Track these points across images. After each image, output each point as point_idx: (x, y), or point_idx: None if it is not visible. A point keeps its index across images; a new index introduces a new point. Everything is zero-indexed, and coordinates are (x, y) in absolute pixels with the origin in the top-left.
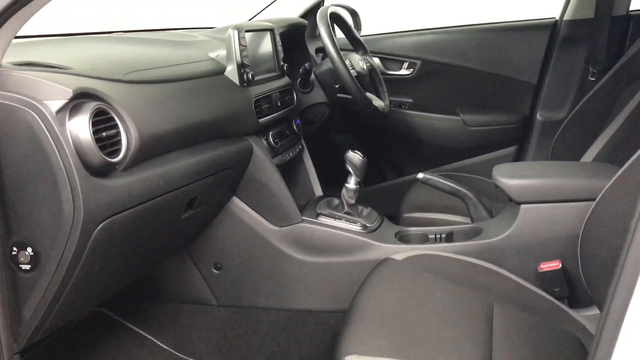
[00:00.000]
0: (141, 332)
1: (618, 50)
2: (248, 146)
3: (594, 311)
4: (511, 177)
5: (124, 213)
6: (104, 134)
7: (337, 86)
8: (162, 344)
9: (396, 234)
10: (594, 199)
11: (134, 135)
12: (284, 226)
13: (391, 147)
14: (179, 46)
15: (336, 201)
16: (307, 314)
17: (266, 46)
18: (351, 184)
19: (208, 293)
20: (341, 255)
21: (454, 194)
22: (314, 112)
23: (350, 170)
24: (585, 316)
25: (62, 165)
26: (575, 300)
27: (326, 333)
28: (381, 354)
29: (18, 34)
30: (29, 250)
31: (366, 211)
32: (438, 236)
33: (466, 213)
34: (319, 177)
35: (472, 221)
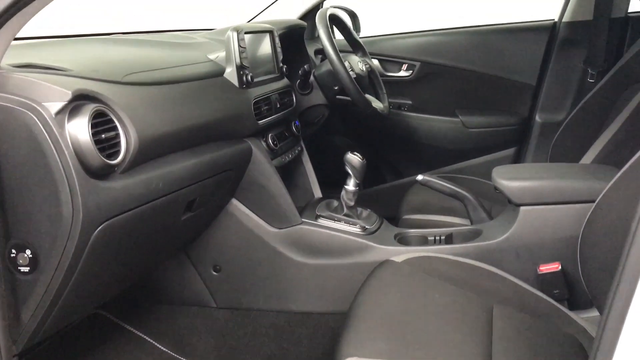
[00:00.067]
0: (140, 334)
1: (617, 52)
2: (247, 148)
3: (593, 313)
4: (511, 179)
5: (123, 215)
6: (103, 136)
7: (336, 88)
8: (161, 346)
9: (395, 236)
10: (593, 201)
11: (133, 137)
12: (283, 228)
13: (390, 149)
14: (178, 48)
15: (335, 203)
16: (306, 316)
17: (265, 48)
18: (350, 185)
19: (207, 295)
20: (340, 257)
21: (453, 195)
22: (313, 114)
23: (350, 172)
24: (584, 318)
25: (61, 167)
26: (574, 302)
27: (325, 335)
28: (381, 356)
29: (17, 35)
30: (27, 252)
31: (365, 213)
32: (437, 238)
33: (465, 215)
34: (318, 179)
35: (472, 223)
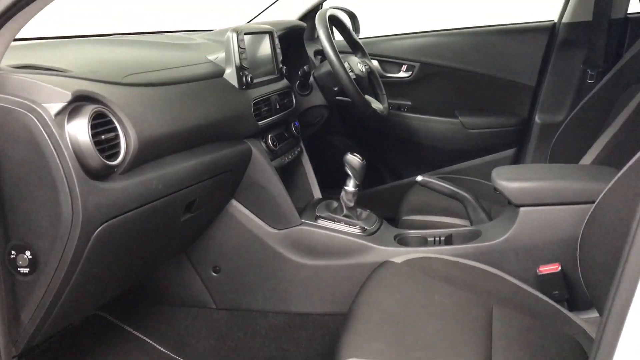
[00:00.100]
0: (139, 335)
1: (616, 53)
2: (247, 149)
3: (593, 314)
4: (510, 180)
5: (122, 216)
6: (102, 137)
7: (336, 89)
8: (161, 347)
9: (395, 237)
10: (593, 202)
11: (132, 138)
12: (282, 229)
13: (390, 150)
14: (178, 49)
15: (335, 204)
16: (305, 316)
17: (265, 49)
18: (350, 186)
19: (207, 296)
20: (340, 258)
21: (453, 196)
22: (313, 115)
23: (349, 173)
24: (584, 319)
25: (61, 168)
26: (574, 303)
27: (325, 336)
28: (381, 357)
29: (17, 36)
30: (27, 253)
31: (365, 214)
32: (437, 239)
33: (465, 216)
34: (317, 180)
35: (471, 224)
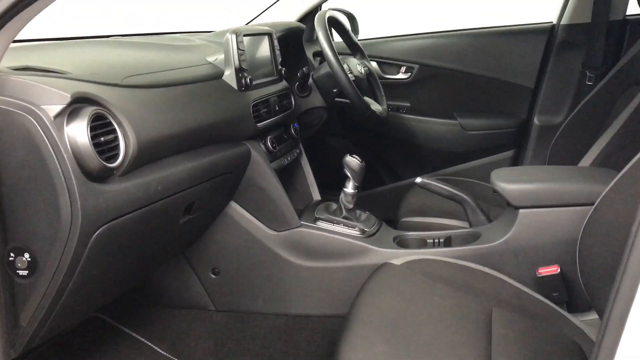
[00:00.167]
0: (138, 337)
1: (615, 55)
2: (246, 151)
3: (592, 316)
4: (509, 182)
5: (121, 218)
6: (102, 139)
7: (335, 90)
8: (160, 349)
9: (394, 239)
10: (592, 204)
11: (132, 140)
12: (282, 231)
13: (389, 151)
14: (177, 50)
15: (334, 206)
16: (305, 319)
17: (264, 50)
18: (349, 188)
19: (206, 298)
20: (339, 260)
21: (452, 198)
22: (312, 117)
23: (349, 174)
24: (584, 321)
25: (60, 171)
26: (573, 305)
27: (324, 338)
28: (380, 359)
29: (16, 38)
30: (26, 256)
31: (364, 216)
32: (436, 241)
33: (464, 217)
34: (316, 182)
35: (471, 226)
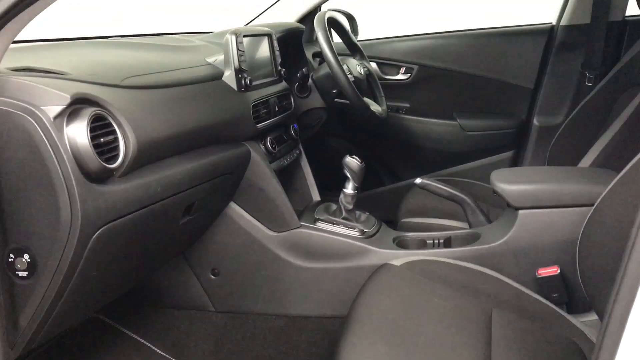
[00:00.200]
0: (138, 338)
1: (614, 56)
2: (246, 151)
3: (592, 317)
4: (509, 183)
5: (121, 219)
6: (101, 140)
7: (334, 91)
8: (159, 350)
9: (394, 240)
10: (592, 205)
11: (131, 140)
12: (281, 232)
13: (388, 152)
14: (176, 51)
15: (334, 206)
16: (304, 319)
17: (264, 51)
18: (349, 189)
19: (205, 299)
20: (339, 260)
21: (451, 199)
22: (312, 117)
23: (348, 175)
24: (583, 322)
25: (60, 172)
26: (573, 306)
27: (324, 339)
28: None
29: (16, 38)
30: (26, 257)
31: (364, 216)
32: (436, 241)
33: (464, 218)
34: (316, 182)
35: (470, 226)
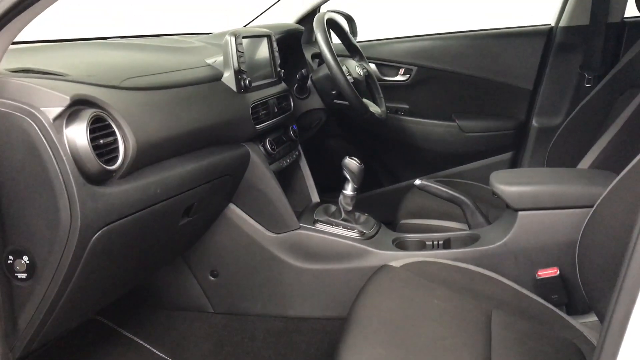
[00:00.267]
0: (137, 339)
1: (613, 57)
2: (245, 153)
3: (591, 318)
4: (509, 184)
5: (121, 221)
6: (101, 141)
7: (333, 92)
8: (158, 352)
9: (394, 241)
10: (591, 206)
11: (131, 142)
12: (281, 233)
13: (387, 153)
14: (176, 52)
15: (333, 208)
16: (304, 321)
17: (263, 52)
18: (348, 190)
19: (204, 300)
20: (338, 262)
21: (451, 200)
22: (311, 118)
23: (348, 176)
24: (583, 323)
25: (59, 173)
26: (573, 307)
27: (323, 340)
28: None
29: (15, 39)
30: (25, 258)
31: (363, 218)
32: (435, 243)
33: (463, 219)
34: (315, 184)
35: (470, 228)
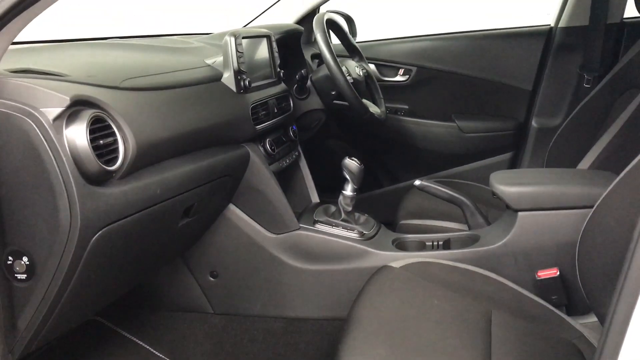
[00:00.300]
0: (136, 340)
1: (613, 58)
2: (245, 153)
3: (591, 319)
4: (509, 185)
5: (120, 221)
6: (101, 142)
7: (333, 93)
8: (158, 352)
9: (393, 242)
10: (591, 207)
11: (131, 142)
12: (280, 233)
13: (387, 154)
14: (175, 53)
15: (333, 208)
16: (303, 321)
17: (263, 52)
18: (348, 191)
19: (204, 301)
20: (338, 262)
21: (450, 200)
22: (311, 119)
23: (347, 177)
24: (583, 324)
25: (59, 174)
26: (573, 308)
27: (323, 341)
28: None
29: (15, 39)
30: (24, 259)
31: (363, 218)
32: (435, 243)
33: (463, 220)
34: (315, 184)
35: (469, 228)
